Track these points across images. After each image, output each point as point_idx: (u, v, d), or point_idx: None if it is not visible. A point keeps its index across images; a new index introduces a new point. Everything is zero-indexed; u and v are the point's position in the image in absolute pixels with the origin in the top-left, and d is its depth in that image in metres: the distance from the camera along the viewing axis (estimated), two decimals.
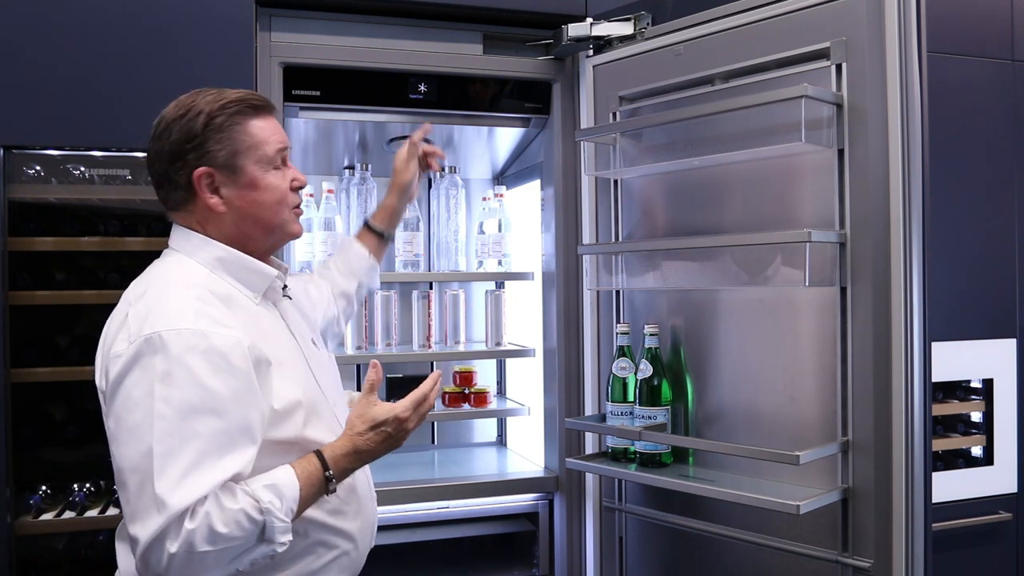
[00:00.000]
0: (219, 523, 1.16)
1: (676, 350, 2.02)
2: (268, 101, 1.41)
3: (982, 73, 2.35)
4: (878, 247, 1.62)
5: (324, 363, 1.52)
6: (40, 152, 2.00)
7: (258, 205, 1.37)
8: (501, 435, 3.01)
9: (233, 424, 1.21)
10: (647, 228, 2.09)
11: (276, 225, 1.40)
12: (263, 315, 1.39)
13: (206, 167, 1.33)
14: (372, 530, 1.51)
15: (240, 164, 1.34)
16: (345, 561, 1.42)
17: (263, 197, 1.37)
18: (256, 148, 1.36)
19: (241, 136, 1.34)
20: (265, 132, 1.37)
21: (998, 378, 2.34)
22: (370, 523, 1.50)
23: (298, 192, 1.44)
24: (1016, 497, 2.35)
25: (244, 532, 1.18)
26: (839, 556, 1.68)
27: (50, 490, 2.03)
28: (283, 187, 1.39)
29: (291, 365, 1.37)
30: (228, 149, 1.33)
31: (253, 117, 1.36)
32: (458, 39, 2.29)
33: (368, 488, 1.51)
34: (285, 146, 1.41)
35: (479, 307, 2.72)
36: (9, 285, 1.90)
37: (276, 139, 1.38)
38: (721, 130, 1.85)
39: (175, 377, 1.18)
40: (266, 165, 1.37)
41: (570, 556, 2.35)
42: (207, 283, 1.32)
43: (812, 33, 1.72)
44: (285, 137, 1.42)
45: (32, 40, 1.90)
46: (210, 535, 1.15)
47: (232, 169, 1.34)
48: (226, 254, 1.36)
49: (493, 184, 2.94)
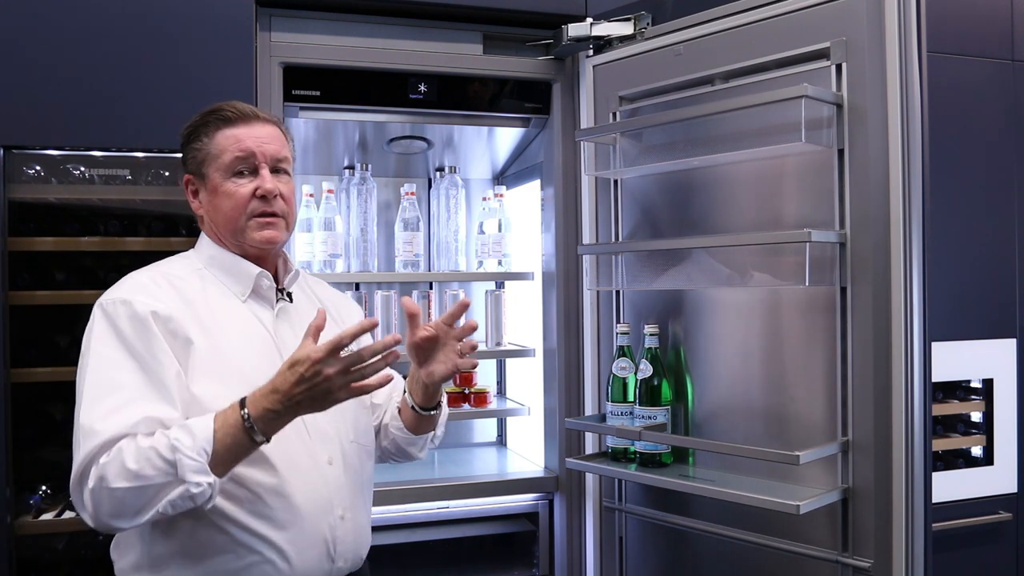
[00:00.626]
0: (131, 459, 1.22)
1: (676, 350, 2.02)
2: (247, 112, 1.46)
3: (982, 73, 2.35)
4: (878, 247, 1.62)
5: None
6: (40, 152, 2.00)
7: (218, 211, 1.45)
8: (501, 435, 3.01)
9: (152, 379, 1.31)
10: (647, 228, 2.09)
11: (236, 230, 1.45)
12: (238, 314, 1.43)
13: (188, 174, 1.49)
14: (320, 551, 1.40)
15: (206, 171, 1.45)
16: (269, 570, 1.34)
17: (221, 203, 1.44)
18: (217, 157, 1.44)
19: (208, 146, 1.44)
20: (228, 141, 1.43)
21: (998, 378, 2.34)
22: (314, 542, 1.38)
23: (269, 200, 1.43)
24: (1016, 497, 2.35)
25: (155, 470, 1.22)
26: (839, 556, 1.68)
27: (50, 490, 2.03)
28: (240, 193, 1.43)
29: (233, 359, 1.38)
30: (198, 157, 1.46)
31: (224, 127, 1.44)
32: (458, 39, 2.29)
33: (314, 504, 1.39)
34: (246, 154, 1.43)
35: (479, 307, 2.72)
36: (9, 285, 1.90)
37: (235, 147, 1.43)
38: (721, 130, 1.85)
39: (105, 336, 1.33)
40: (225, 172, 1.43)
41: (570, 556, 2.35)
42: (175, 271, 1.44)
43: (812, 33, 1.72)
44: (250, 145, 1.43)
45: (32, 40, 1.90)
46: (122, 470, 1.21)
47: (201, 176, 1.46)
48: (216, 253, 1.47)
49: (493, 184, 2.93)
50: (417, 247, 2.49)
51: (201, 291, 1.42)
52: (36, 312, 2.03)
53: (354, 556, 1.47)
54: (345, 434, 1.48)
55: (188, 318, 1.37)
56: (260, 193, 1.43)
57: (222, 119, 1.44)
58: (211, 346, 1.36)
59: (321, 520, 1.40)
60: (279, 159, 1.46)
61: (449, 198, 2.62)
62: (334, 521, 1.42)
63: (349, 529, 1.45)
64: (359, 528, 1.49)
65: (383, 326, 2.49)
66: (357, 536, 1.47)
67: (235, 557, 1.33)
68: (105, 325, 1.34)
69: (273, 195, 1.44)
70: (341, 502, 1.44)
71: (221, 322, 1.40)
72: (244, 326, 1.43)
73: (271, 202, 1.44)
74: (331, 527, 1.41)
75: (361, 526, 1.50)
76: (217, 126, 1.44)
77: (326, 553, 1.41)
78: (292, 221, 1.50)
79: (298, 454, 1.39)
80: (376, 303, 2.48)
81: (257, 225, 1.44)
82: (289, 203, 1.48)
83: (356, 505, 1.48)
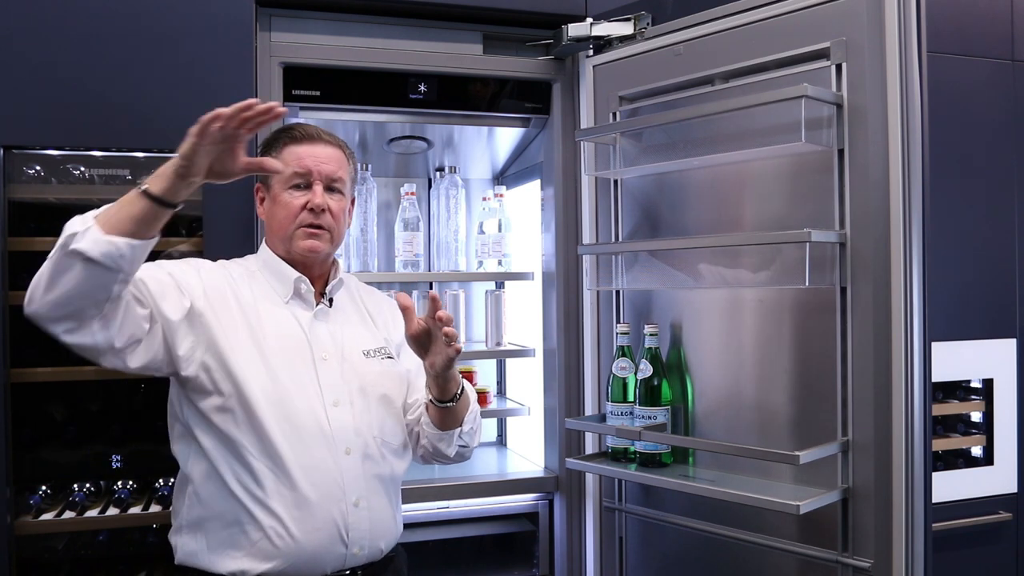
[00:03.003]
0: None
1: (676, 350, 2.02)
2: (312, 133, 1.64)
3: (982, 73, 2.35)
4: (878, 247, 1.62)
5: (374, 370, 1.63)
6: (40, 152, 2.00)
7: (274, 218, 1.64)
8: (501, 435, 3.01)
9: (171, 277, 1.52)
10: (647, 228, 2.09)
11: (285, 237, 1.61)
12: (274, 313, 1.59)
13: (259, 182, 1.68)
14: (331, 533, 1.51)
15: (270, 182, 1.63)
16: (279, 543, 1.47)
17: (278, 211, 1.62)
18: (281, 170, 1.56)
19: (278, 158, 1.58)
20: (291, 158, 1.61)
21: (998, 378, 2.34)
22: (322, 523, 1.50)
23: (317, 213, 1.59)
24: (1016, 497, 2.35)
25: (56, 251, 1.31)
26: (839, 556, 1.68)
27: (50, 490, 2.03)
28: (293, 204, 1.60)
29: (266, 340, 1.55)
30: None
31: (292, 144, 1.62)
32: (458, 39, 2.29)
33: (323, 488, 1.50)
34: (304, 171, 1.60)
35: (479, 307, 2.72)
36: (9, 285, 1.90)
37: (296, 164, 1.60)
38: (721, 130, 1.85)
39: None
40: (284, 184, 1.61)
41: (570, 556, 2.35)
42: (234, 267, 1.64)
43: (812, 33, 1.72)
44: (308, 163, 1.60)
45: (32, 40, 1.89)
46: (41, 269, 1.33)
47: (268, 185, 1.65)
48: (268, 257, 1.66)
49: (493, 184, 2.94)
50: (417, 247, 2.49)
51: (249, 288, 1.60)
52: None
53: (371, 544, 1.57)
54: (369, 430, 1.59)
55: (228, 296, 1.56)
56: (310, 206, 1.59)
57: (291, 137, 1.63)
58: (246, 325, 1.54)
59: (332, 505, 1.51)
60: (334, 179, 1.62)
61: (449, 198, 2.62)
62: (347, 507, 1.53)
63: (364, 517, 1.55)
64: (377, 518, 1.58)
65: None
66: (373, 525, 1.57)
67: (253, 528, 1.48)
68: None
69: (321, 209, 1.59)
70: (356, 490, 1.54)
71: (260, 314, 1.57)
72: (281, 320, 1.59)
73: (319, 215, 1.60)
74: (343, 513, 1.52)
75: (380, 517, 1.59)
76: (285, 143, 1.63)
77: (338, 536, 1.52)
78: (338, 235, 1.65)
79: (314, 444, 1.52)
80: None
81: (303, 234, 1.60)
82: (337, 219, 1.63)
83: (375, 495, 1.58)
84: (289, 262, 1.63)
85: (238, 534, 1.48)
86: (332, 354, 1.60)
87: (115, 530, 2.05)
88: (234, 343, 1.51)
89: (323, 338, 1.61)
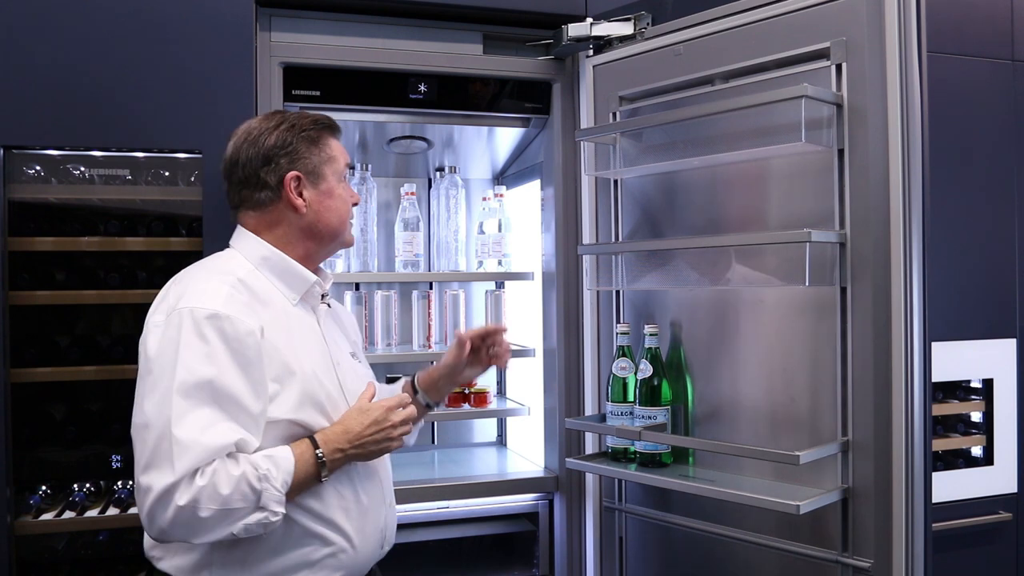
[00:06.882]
0: (224, 484, 1.26)
1: (676, 350, 2.01)
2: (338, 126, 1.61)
3: (982, 73, 2.35)
4: (878, 247, 1.62)
5: (360, 374, 1.61)
6: (40, 152, 2.00)
7: (330, 211, 1.53)
8: (501, 435, 3.01)
9: (243, 406, 1.32)
10: (647, 228, 2.09)
11: (339, 231, 1.56)
12: (296, 315, 1.50)
13: (296, 171, 1.50)
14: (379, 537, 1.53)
15: (324, 172, 1.53)
16: (343, 558, 1.44)
17: (335, 204, 1.54)
18: (334, 161, 1.55)
19: (326, 149, 1.54)
20: (339, 151, 1.58)
21: (998, 378, 2.34)
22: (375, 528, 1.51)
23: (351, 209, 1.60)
24: (1016, 497, 2.35)
25: (243, 497, 1.27)
26: (839, 556, 1.68)
27: (50, 490, 2.03)
28: (349, 200, 1.58)
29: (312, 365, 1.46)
30: (317, 157, 1.52)
31: (332, 136, 1.57)
32: (458, 39, 2.29)
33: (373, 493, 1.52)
34: (349, 165, 1.62)
35: (479, 307, 2.72)
36: (9, 285, 1.90)
37: (345, 158, 1.59)
38: (721, 130, 1.85)
39: (199, 350, 1.31)
40: (338, 177, 1.56)
41: (570, 556, 2.35)
42: (244, 275, 1.45)
43: (812, 33, 1.72)
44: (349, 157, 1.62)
45: (32, 40, 1.89)
46: (215, 495, 1.25)
47: (317, 175, 1.52)
48: (271, 254, 1.50)
49: (493, 184, 2.94)
50: (417, 247, 2.49)
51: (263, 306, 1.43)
52: (36, 312, 2.03)
53: (392, 540, 1.60)
54: None
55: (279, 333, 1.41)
56: (353, 202, 1.60)
57: (330, 129, 1.56)
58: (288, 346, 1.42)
59: (380, 509, 1.53)
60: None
61: (449, 198, 2.62)
62: (387, 509, 1.56)
63: (393, 515, 1.60)
64: (395, 514, 1.62)
65: (383, 326, 2.49)
66: (395, 521, 1.61)
67: (314, 549, 1.41)
68: (196, 338, 1.31)
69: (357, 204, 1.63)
70: (390, 490, 1.59)
71: (291, 328, 1.46)
72: (308, 331, 1.51)
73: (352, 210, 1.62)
74: (385, 515, 1.55)
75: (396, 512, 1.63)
76: (332, 133, 1.57)
77: (381, 539, 1.54)
78: None
79: None
80: (376, 303, 2.49)
81: (350, 228, 1.60)
82: None
83: (393, 493, 1.62)
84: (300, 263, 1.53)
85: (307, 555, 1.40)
86: (340, 357, 1.57)
87: (115, 530, 2.05)
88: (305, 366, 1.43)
89: (332, 341, 1.58)
